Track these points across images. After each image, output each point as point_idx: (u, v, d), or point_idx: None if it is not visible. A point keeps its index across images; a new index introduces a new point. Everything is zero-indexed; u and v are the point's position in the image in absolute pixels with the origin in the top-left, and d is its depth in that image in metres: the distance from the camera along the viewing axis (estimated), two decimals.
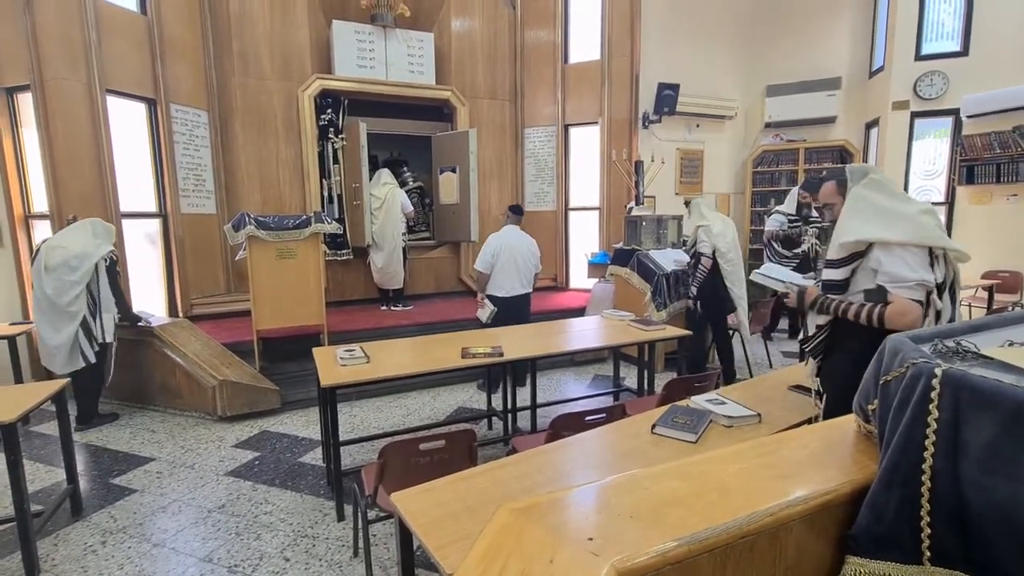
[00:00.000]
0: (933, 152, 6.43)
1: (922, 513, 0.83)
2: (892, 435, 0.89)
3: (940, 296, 1.79)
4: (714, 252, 4.19)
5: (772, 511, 0.80)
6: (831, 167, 7.10)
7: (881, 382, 0.98)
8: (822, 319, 1.98)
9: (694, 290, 4.32)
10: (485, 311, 4.17)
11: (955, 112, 6.13)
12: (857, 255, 1.84)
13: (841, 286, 1.90)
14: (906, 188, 6.51)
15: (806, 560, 0.86)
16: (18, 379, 4.02)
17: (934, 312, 1.77)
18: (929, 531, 0.82)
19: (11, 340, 3.95)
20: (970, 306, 5.68)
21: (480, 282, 4.25)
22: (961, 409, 0.81)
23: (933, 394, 0.83)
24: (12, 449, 2.19)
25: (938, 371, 0.84)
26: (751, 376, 4.63)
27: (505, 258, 4.12)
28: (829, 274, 1.95)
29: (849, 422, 1.16)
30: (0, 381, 4.28)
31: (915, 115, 6.33)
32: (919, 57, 6.23)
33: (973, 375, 0.81)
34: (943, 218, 6.30)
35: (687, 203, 4.76)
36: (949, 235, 6.56)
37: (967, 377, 0.81)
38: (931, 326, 1.72)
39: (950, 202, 6.29)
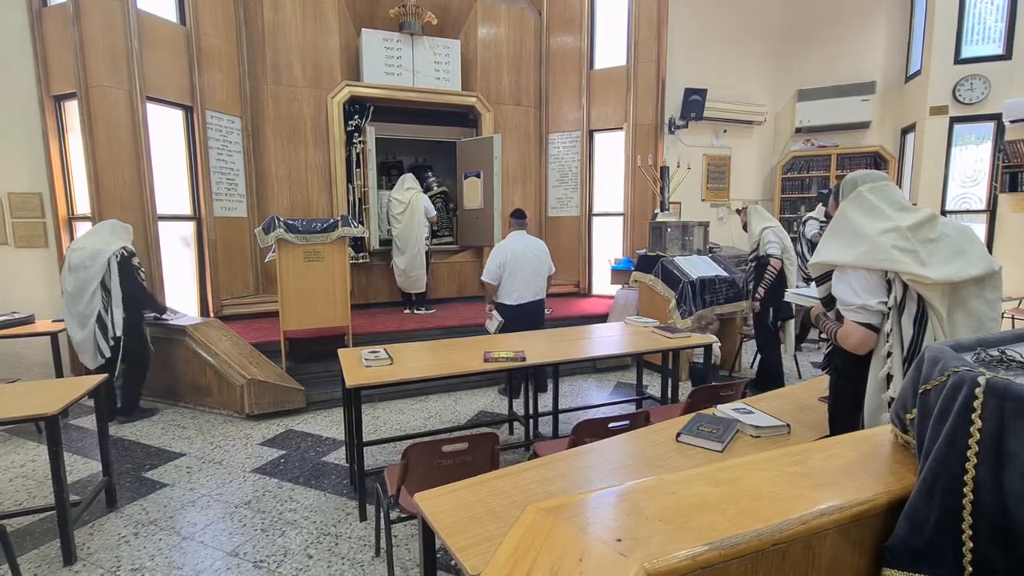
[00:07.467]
0: (973, 158, 6.22)
1: (964, 526, 0.80)
2: (932, 445, 0.86)
3: (904, 319, 1.63)
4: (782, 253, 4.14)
5: (805, 519, 0.78)
6: None
7: (920, 391, 0.95)
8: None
9: (762, 292, 4.16)
10: (493, 323, 4.03)
11: (997, 117, 5.91)
12: (829, 274, 1.84)
13: (826, 302, 1.92)
14: (944, 195, 6.30)
15: (840, 571, 0.84)
16: (59, 374, 4.19)
17: (896, 338, 1.63)
18: (971, 545, 0.79)
19: (53, 336, 4.12)
20: (1012, 318, 5.46)
21: (488, 293, 4.13)
22: (1006, 419, 0.78)
23: (976, 403, 0.81)
24: (54, 440, 2.28)
25: (981, 380, 0.81)
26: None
27: (513, 267, 4.00)
28: (815, 291, 1.99)
29: (885, 432, 1.13)
30: (42, 375, 4.48)
31: (954, 120, 6.14)
32: (958, 60, 6.04)
33: (1018, 384, 0.78)
34: (983, 227, 6.07)
35: (739, 211, 4.62)
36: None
37: (1012, 386, 0.78)
38: (893, 350, 1.63)
39: (991, 210, 6.06)
